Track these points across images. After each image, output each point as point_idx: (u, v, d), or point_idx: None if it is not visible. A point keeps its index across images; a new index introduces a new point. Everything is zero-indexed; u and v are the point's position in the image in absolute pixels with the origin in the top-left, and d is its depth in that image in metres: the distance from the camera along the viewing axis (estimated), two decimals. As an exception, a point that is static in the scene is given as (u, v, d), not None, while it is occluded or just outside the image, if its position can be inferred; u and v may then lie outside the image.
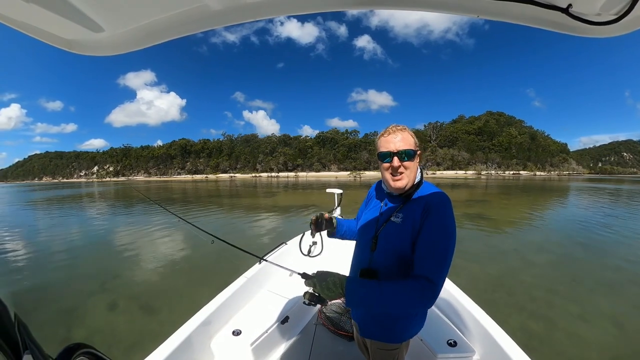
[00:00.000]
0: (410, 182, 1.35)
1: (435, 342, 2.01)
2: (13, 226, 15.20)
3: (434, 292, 1.15)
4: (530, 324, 4.00)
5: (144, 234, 10.49)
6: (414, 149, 1.34)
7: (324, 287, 1.23)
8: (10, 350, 0.43)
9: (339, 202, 4.10)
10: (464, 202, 18.79)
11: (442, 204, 1.25)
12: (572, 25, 0.85)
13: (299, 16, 12.86)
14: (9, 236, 12.11)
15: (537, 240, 8.67)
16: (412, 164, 1.34)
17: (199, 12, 0.81)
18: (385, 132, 1.37)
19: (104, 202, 27.46)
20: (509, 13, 0.91)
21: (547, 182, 50.95)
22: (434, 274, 1.16)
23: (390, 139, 1.34)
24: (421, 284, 1.14)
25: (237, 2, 0.79)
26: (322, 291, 1.24)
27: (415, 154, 1.34)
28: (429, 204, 1.26)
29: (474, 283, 5.25)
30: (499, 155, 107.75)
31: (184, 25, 0.85)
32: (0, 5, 0.69)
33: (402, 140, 1.33)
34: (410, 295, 1.15)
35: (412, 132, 1.38)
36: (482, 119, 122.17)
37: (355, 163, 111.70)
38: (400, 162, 1.32)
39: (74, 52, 0.94)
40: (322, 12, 0.87)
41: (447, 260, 1.19)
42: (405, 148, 1.32)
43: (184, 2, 0.77)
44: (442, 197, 1.28)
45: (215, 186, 53.11)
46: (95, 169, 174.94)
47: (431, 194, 1.31)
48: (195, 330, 1.99)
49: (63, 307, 5.12)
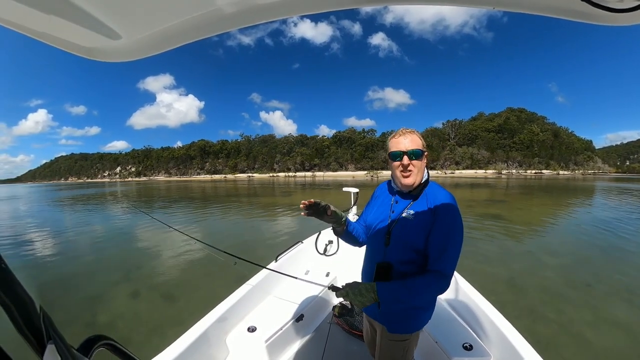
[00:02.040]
0: (417, 180, 1.49)
1: (450, 345, 1.99)
2: (43, 222, 15.96)
3: (448, 282, 1.36)
4: (538, 327, 3.91)
5: (165, 231, 10.78)
6: (422, 150, 1.48)
7: (357, 293, 1.37)
8: (35, 340, 0.46)
9: (355, 201, 4.10)
10: (482, 202, 18.34)
11: (451, 204, 1.40)
12: (592, 13, 0.81)
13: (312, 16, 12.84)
14: (39, 231, 12.79)
15: (554, 242, 8.40)
16: (420, 163, 1.48)
17: (212, 16, 0.83)
18: (396, 134, 1.53)
19: (126, 200, 28.34)
20: (525, 3, 0.88)
21: (571, 181, 49.15)
22: (447, 268, 1.35)
23: (401, 140, 1.48)
24: (437, 277, 1.34)
25: (249, 4, 0.80)
26: (355, 298, 1.37)
27: (422, 154, 1.48)
28: (439, 204, 1.40)
29: (484, 284, 5.13)
30: (520, 154, 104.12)
31: (198, 29, 0.88)
32: (24, 18, 0.73)
33: (411, 141, 1.47)
34: (430, 288, 1.36)
35: (420, 135, 1.53)
36: (502, 115, 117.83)
37: (372, 162, 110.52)
38: (409, 160, 1.46)
39: (95, 59, 0.99)
40: (335, 11, 0.87)
41: (457, 255, 1.38)
42: (414, 148, 1.46)
43: (197, 7, 0.79)
44: (451, 198, 1.42)
45: (233, 186, 54.03)
46: (118, 170, 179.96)
47: (439, 195, 1.44)
48: (211, 326, 2.02)
49: (90, 294, 5.57)
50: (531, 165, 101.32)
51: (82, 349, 0.56)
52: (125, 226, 13.37)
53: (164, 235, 10.14)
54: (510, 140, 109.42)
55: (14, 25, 0.75)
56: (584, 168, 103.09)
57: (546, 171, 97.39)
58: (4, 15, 0.71)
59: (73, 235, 11.76)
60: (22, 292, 0.46)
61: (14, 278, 0.45)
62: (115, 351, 0.64)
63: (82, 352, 0.56)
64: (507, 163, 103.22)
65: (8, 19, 0.72)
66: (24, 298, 0.46)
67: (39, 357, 0.47)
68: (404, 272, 1.44)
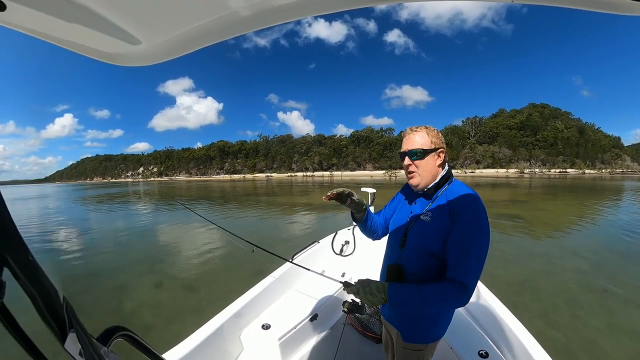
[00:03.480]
0: (424, 181, 1.40)
1: (465, 351, 1.95)
2: (70, 218, 16.72)
3: (468, 294, 1.21)
4: (548, 331, 3.81)
5: (187, 228, 11.06)
6: (425, 148, 1.37)
7: (367, 292, 1.30)
8: (57, 328, 0.49)
9: (372, 201, 4.09)
10: (502, 203, 17.89)
11: (473, 206, 1.27)
12: (618, 2, 0.74)
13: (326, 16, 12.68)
14: (66, 227, 13.46)
15: (573, 245, 8.07)
16: (423, 163, 1.38)
17: (228, 19, 0.84)
18: (404, 133, 1.47)
19: (148, 199, 29.15)
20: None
21: (597, 181, 46.70)
22: (467, 278, 1.21)
23: (405, 139, 1.43)
24: (456, 288, 1.20)
25: (264, 7, 0.82)
26: (366, 297, 1.30)
27: (424, 153, 1.38)
28: (458, 206, 1.28)
29: (496, 285, 5.04)
30: (544, 152, 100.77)
31: (214, 33, 0.90)
32: (48, 27, 0.77)
33: (411, 140, 1.40)
34: (446, 298, 1.22)
35: (433, 132, 1.41)
36: (525, 112, 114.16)
37: (390, 162, 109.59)
38: (410, 160, 1.39)
39: (116, 64, 1.03)
40: (349, 10, 0.87)
41: (479, 264, 1.23)
42: (412, 148, 1.38)
43: (213, 12, 0.81)
44: (472, 199, 1.29)
45: (252, 185, 54.97)
46: (141, 170, 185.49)
47: (461, 195, 1.32)
48: (227, 322, 2.07)
49: (116, 284, 6.03)
50: (555, 164, 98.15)
51: (101, 338, 0.59)
52: (149, 222, 13.90)
53: (187, 229, 10.46)
54: (533, 137, 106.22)
55: (41, 34, 0.80)
56: (612, 167, 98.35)
57: (571, 170, 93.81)
58: (31, 26, 0.75)
59: (99, 230, 12.48)
60: (47, 283, 0.49)
61: (39, 270, 0.47)
62: (133, 342, 0.67)
63: (101, 341, 0.58)
64: (530, 162, 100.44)
65: (35, 28, 0.77)
66: (48, 289, 0.48)
67: (60, 344, 0.49)
68: (418, 277, 1.36)
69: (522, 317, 2.06)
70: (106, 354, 0.57)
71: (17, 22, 0.73)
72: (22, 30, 0.77)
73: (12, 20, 0.70)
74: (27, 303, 0.46)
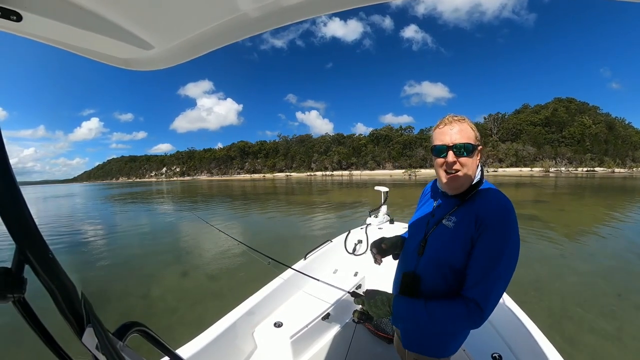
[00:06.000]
0: (467, 182, 1.20)
1: (478, 353, 1.87)
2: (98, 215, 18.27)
3: (482, 318, 1.07)
4: (555, 335, 3.70)
5: (207, 227, 11.59)
6: (474, 143, 1.18)
7: (372, 304, 1.26)
8: (75, 322, 0.51)
9: (384, 199, 4.19)
10: (523, 203, 17.44)
11: (503, 217, 1.09)
12: None
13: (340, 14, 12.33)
14: (95, 223, 15.14)
15: (591, 248, 7.80)
16: (470, 161, 1.18)
17: (239, 21, 0.86)
18: (441, 123, 1.22)
19: (171, 197, 30.28)
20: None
21: (628, 180, 43.70)
22: (485, 300, 1.07)
23: (446, 130, 1.19)
24: (469, 309, 1.07)
25: (274, 7, 0.82)
26: (370, 309, 1.26)
27: (474, 149, 1.18)
28: (487, 214, 1.11)
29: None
30: (570, 149, 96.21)
31: (226, 35, 0.92)
32: (63, 35, 0.81)
33: (459, 133, 1.17)
34: (456, 318, 1.10)
35: (473, 124, 1.22)
36: (550, 107, 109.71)
37: (410, 161, 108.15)
38: (455, 157, 1.16)
39: (132, 69, 1.08)
40: (363, 7, 0.85)
41: (503, 285, 1.09)
42: (462, 141, 1.16)
43: (224, 14, 0.83)
44: (503, 207, 1.11)
45: (272, 184, 55.99)
46: (164, 170, 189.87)
47: (491, 202, 1.15)
48: (240, 319, 2.11)
49: (145, 273, 6.98)
50: (582, 162, 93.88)
51: (117, 333, 0.61)
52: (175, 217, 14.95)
53: (208, 229, 11.05)
54: (558, 134, 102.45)
55: (57, 42, 0.86)
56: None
57: (599, 169, 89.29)
58: (47, 35, 0.80)
59: (127, 227, 13.75)
60: (66, 280, 0.50)
61: (59, 266, 0.50)
62: (148, 337, 0.69)
63: (117, 336, 0.61)
64: (556, 160, 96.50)
65: (50, 37, 0.82)
66: (67, 285, 0.50)
67: (78, 338, 0.52)
68: (434, 290, 1.21)
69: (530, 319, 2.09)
70: (122, 349, 0.59)
71: (33, 31, 0.76)
72: (39, 39, 0.81)
73: (29, 30, 0.73)
74: (47, 299, 0.49)
